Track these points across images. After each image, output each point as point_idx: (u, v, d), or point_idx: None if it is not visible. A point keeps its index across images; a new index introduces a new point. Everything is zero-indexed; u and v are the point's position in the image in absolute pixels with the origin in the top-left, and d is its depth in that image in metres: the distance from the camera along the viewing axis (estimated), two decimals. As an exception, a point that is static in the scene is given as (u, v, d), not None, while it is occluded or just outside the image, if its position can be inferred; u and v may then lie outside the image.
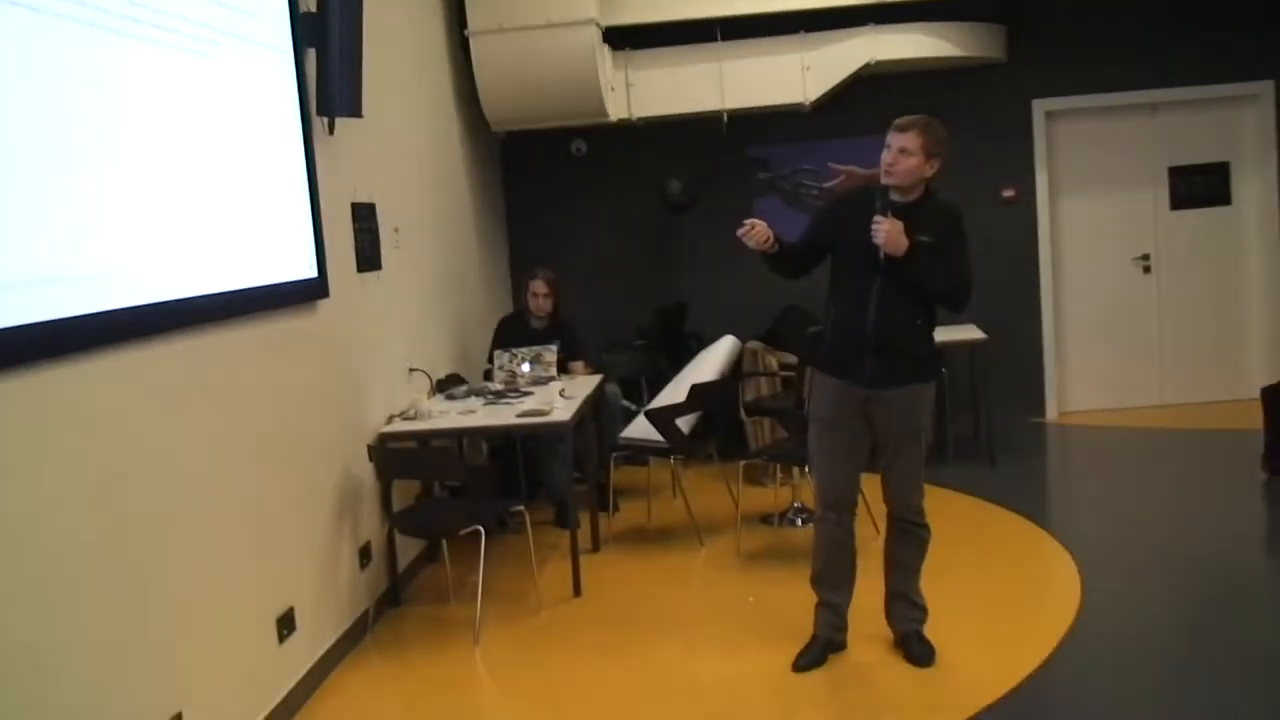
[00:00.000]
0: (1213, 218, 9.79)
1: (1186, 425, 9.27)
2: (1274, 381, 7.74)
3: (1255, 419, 7.71)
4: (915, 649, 4.97)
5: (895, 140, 4.67)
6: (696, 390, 6.90)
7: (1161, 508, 7.31)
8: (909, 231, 4.58)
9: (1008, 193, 9.58)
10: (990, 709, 4.53)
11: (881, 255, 4.60)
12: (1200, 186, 9.79)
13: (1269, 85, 9.47)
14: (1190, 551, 6.36)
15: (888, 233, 4.55)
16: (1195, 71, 9.45)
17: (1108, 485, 8.08)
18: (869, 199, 4.68)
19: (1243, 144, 9.70)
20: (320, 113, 5.50)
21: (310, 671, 5.03)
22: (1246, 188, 9.72)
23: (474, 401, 6.67)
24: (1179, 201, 9.79)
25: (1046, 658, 4.99)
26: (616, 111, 8.59)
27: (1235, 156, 9.73)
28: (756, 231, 4.66)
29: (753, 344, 8.48)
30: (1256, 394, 7.76)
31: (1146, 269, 9.84)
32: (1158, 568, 6.17)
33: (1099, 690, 4.75)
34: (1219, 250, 9.81)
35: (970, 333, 8.29)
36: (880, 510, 5.15)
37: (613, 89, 8.53)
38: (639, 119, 8.78)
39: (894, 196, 4.68)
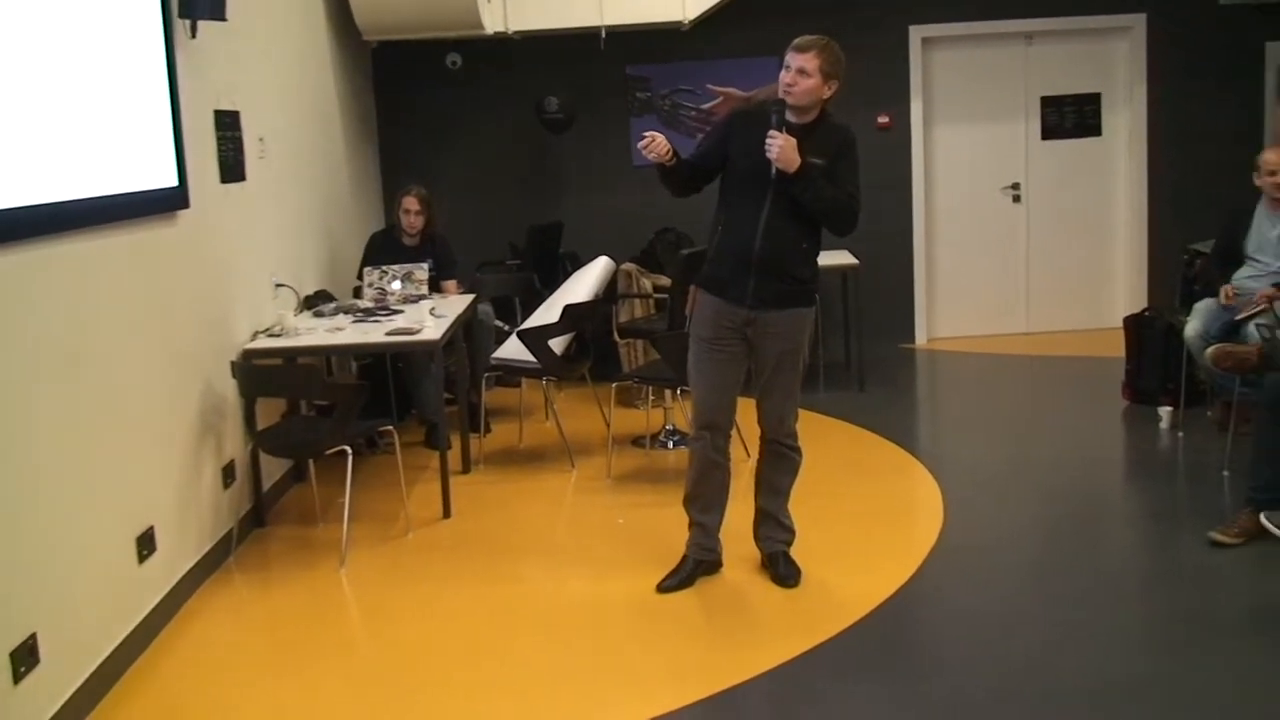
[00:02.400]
0: (1083, 148, 9.94)
1: (1051, 352, 9.47)
2: (1136, 311, 7.92)
3: (1118, 347, 7.90)
4: (782, 569, 5.00)
5: (795, 60, 4.62)
6: (570, 311, 6.84)
7: (1024, 432, 7.47)
8: (802, 151, 4.54)
9: (882, 119, 9.61)
10: (855, 626, 4.59)
11: (773, 172, 4.57)
12: (1071, 117, 9.93)
13: (1141, 18, 9.61)
14: (1050, 473, 6.52)
15: (781, 148, 4.50)
16: (1070, 2, 9.54)
17: (973, 410, 8.23)
18: (765, 117, 4.62)
19: (1114, 75, 9.84)
20: (182, 15, 5.28)
21: (170, 593, 4.91)
22: (1117, 119, 9.88)
23: (342, 319, 6.54)
24: (1050, 131, 9.92)
25: (910, 576, 5.08)
26: (492, 24, 8.41)
27: (1107, 88, 9.88)
28: (658, 144, 4.59)
29: (628, 265, 8.42)
30: (1119, 323, 7.93)
31: (1016, 198, 9.97)
32: (1018, 489, 6.31)
33: (959, 604, 4.87)
34: (1088, 181, 9.98)
35: (843, 258, 8.34)
36: (752, 433, 5.15)
37: (488, 1, 8.34)
38: (516, 33, 8.61)
39: (790, 117, 4.63)
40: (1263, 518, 4.49)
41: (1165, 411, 7.12)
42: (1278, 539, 4.47)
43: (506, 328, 7.74)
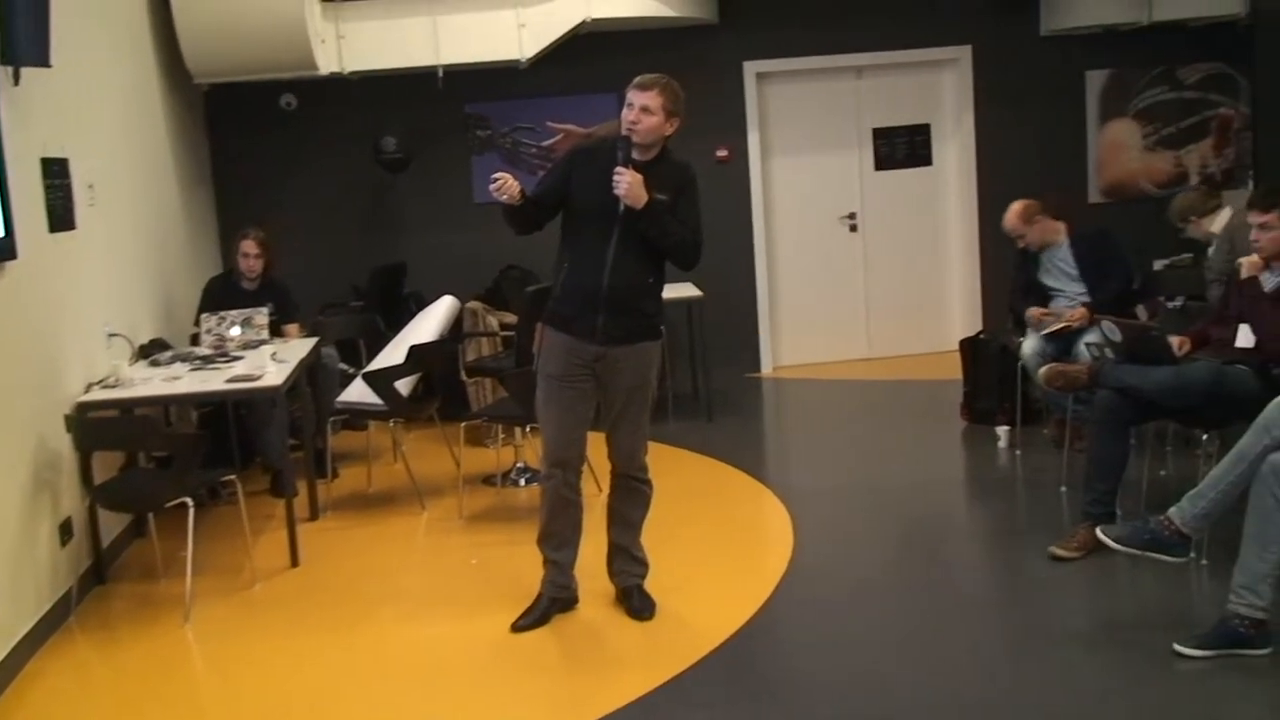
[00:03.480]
0: (915, 178, 10.20)
1: (892, 376, 9.67)
2: (971, 334, 8.13)
3: (955, 369, 8.10)
4: (636, 603, 5.01)
5: (638, 98, 4.65)
6: (415, 351, 6.78)
7: (869, 455, 7.60)
8: (647, 188, 4.58)
9: (721, 153, 9.74)
10: (711, 655, 4.63)
11: (621, 208, 4.59)
12: (903, 148, 10.18)
13: (966, 50, 9.91)
14: (895, 495, 6.65)
15: (629, 185, 4.54)
16: (898, 36, 9.80)
17: (819, 436, 8.37)
18: (605, 153, 4.65)
19: (942, 106, 10.13)
20: (4, 62, 5.12)
21: (9, 656, 4.73)
22: (946, 149, 10.16)
23: (180, 367, 6.38)
24: (883, 162, 10.16)
25: (763, 603, 5.13)
26: (327, 64, 8.33)
27: (935, 119, 10.15)
28: (509, 184, 4.59)
29: (473, 304, 8.39)
30: (955, 346, 8.14)
31: (853, 227, 10.18)
32: (865, 511, 6.43)
33: (813, 629, 4.95)
34: (921, 209, 10.23)
35: (688, 290, 8.43)
36: (603, 467, 5.17)
37: (323, 41, 8.26)
38: (351, 73, 8.55)
39: (634, 154, 4.66)
40: (1099, 531, 4.63)
41: (1003, 431, 7.33)
42: (1113, 552, 4.61)
43: (351, 370, 7.63)
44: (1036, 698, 4.21)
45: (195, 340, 7.16)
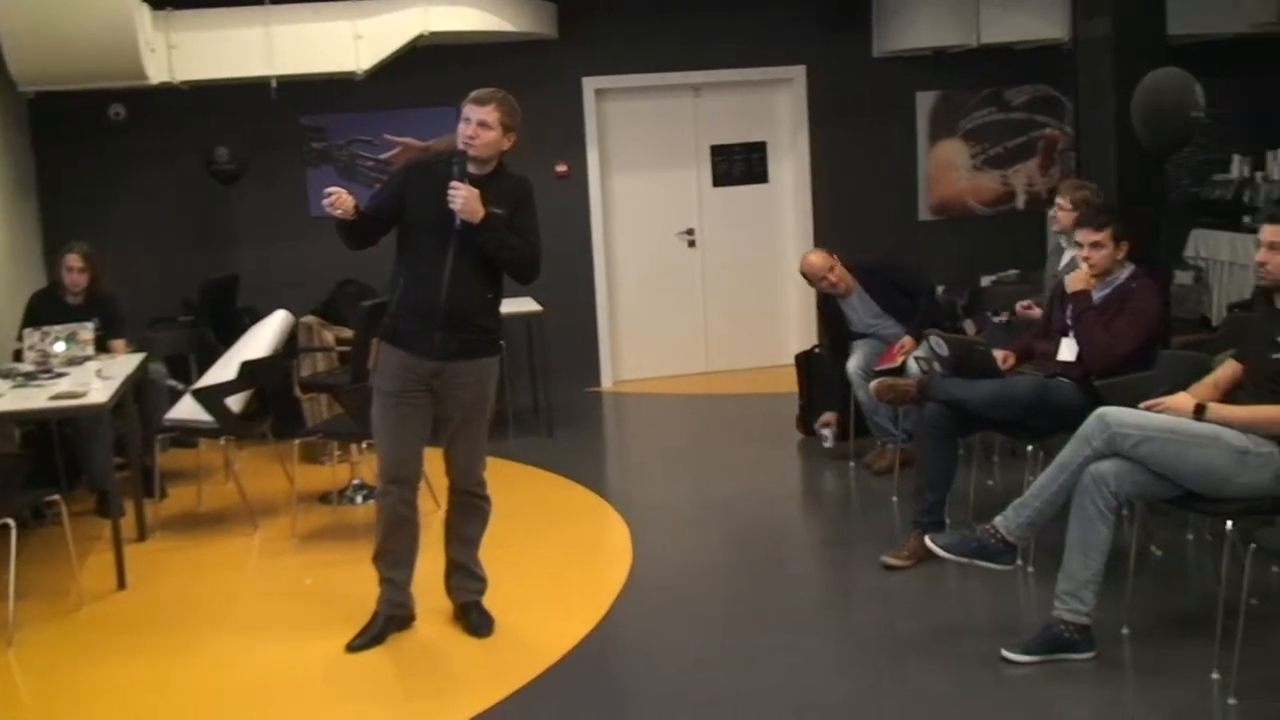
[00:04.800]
0: (752, 194, 10.33)
1: (729, 390, 9.77)
2: (806, 348, 8.26)
3: (790, 383, 8.22)
4: (475, 619, 4.98)
5: (474, 113, 4.63)
6: (247, 367, 6.64)
7: (707, 468, 7.67)
8: (483, 202, 4.56)
9: (561, 168, 9.76)
10: (551, 670, 4.63)
11: (457, 223, 4.56)
12: (740, 165, 10.31)
13: (801, 70, 10.08)
14: (732, 507, 6.72)
15: (465, 199, 4.51)
16: (735, 55, 9.93)
17: (659, 449, 8.41)
18: (441, 167, 4.62)
19: (778, 125, 10.28)
20: None
21: None
22: (782, 166, 10.31)
23: (1, 384, 6.16)
24: (720, 179, 10.27)
25: (602, 616, 5.15)
26: (157, 74, 8.11)
27: (771, 136, 10.30)
28: (343, 199, 4.52)
29: (308, 318, 8.26)
30: (791, 360, 8.26)
31: (691, 243, 10.27)
32: (703, 524, 6.50)
33: (651, 641, 4.97)
34: (758, 225, 10.37)
35: (527, 305, 8.41)
36: (441, 483, 5.12)
37: (153, 50, 8.04)
38: (182, 82, 8.34)
39: (470, 169, 4.63)
40: (928, 540, 4.73)
41: (827, 430, 7.44)
42: (943, 560, 4.72)
43: (181, 386, 7.44)
44: (869, 705, 4.29)
45: (18, 356, 6.92)
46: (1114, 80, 6.91)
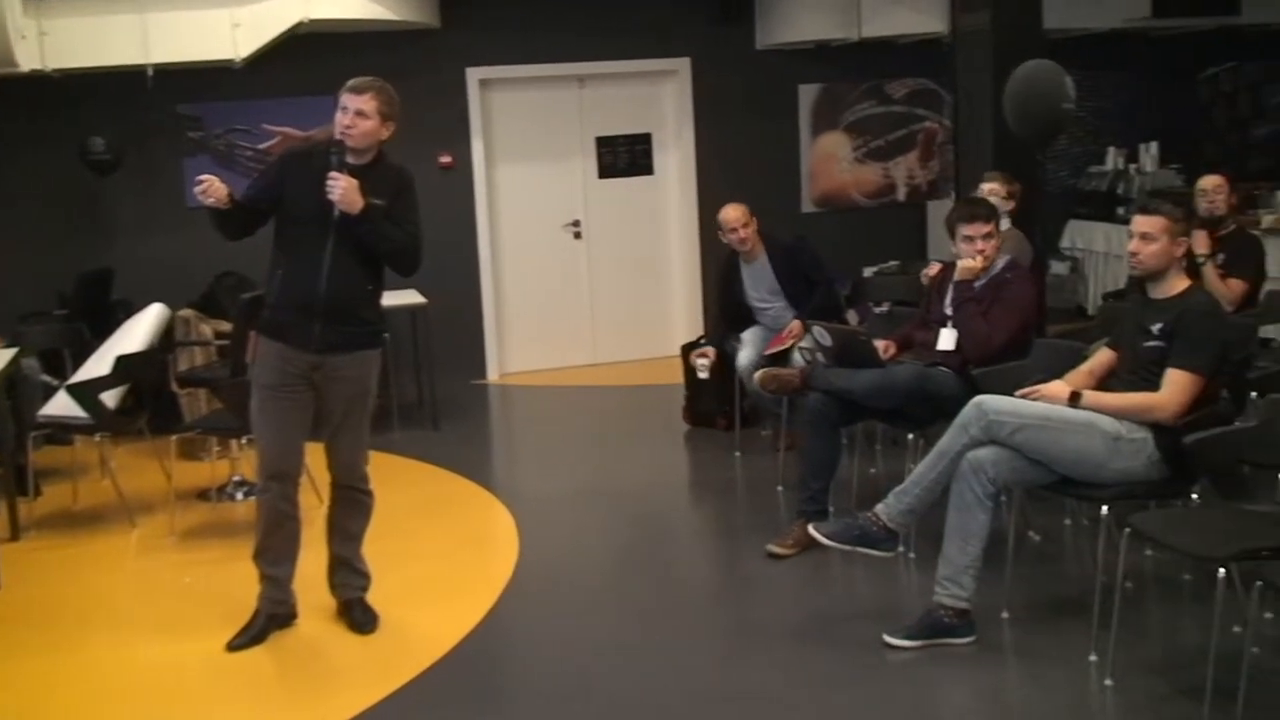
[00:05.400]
0: (637, 186, 10.34)
1: (616, 382, 9.78)
2: (692, 339, 8.29)
3: (677, 374, 8.24)
4: (359, 616, 4.92)
5: (351, 102, 4.57)
6: (122, 362, 6.49)
7: (594, 460, 7.67)
8: (362, 193, 4.50)
9: (444, 159, 9.67)
10: (436, 665, 4.59)
11: (336, 214, 4.50)
12: (625, 157, 10.31)
13: (685, 62, 10.11)
14: (620, 498, 6.73)
15: (344, 190, 4.44)
16: (620, 47, 9.92)
17: (546, 442, 8.39)
18: (320, 157, 4.55)
19: (663, 116, 10.30)
20: None
21: None
22: (667, 158, 10.34)
23: None
24: (606, 170, 10.26)
25: (488, 610, 5.12)
26: (28, 61, 7.89)
27: (657, 128, 10.32)
28: (215, 187, 4.42)
29: (185, 311, 8.09)
30: (677, 351, 8.29)
31: (578, 235, 10.25)
32: (590, 515, 6.49)
33: (538, 633, 4.96)
34: (644, 217, 10.38)
35: (411, 297, 8.33)
36: (323, 478, 5.05)
37: (23, 36, 7.82)
38: (55, 70, 8.12)
39: (349, 159, 4.57)
40: (811, 529, 4.77)
41: (704, 361, 7.39)
42: (827, 548, 4.76)
43: (54, 382, 7.25)
44: (755, 692, 4.32)
45: (-121, 352, 6.69)
46: (992, 73, 7.03)
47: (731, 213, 7.20)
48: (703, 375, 7.38)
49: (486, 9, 9.57)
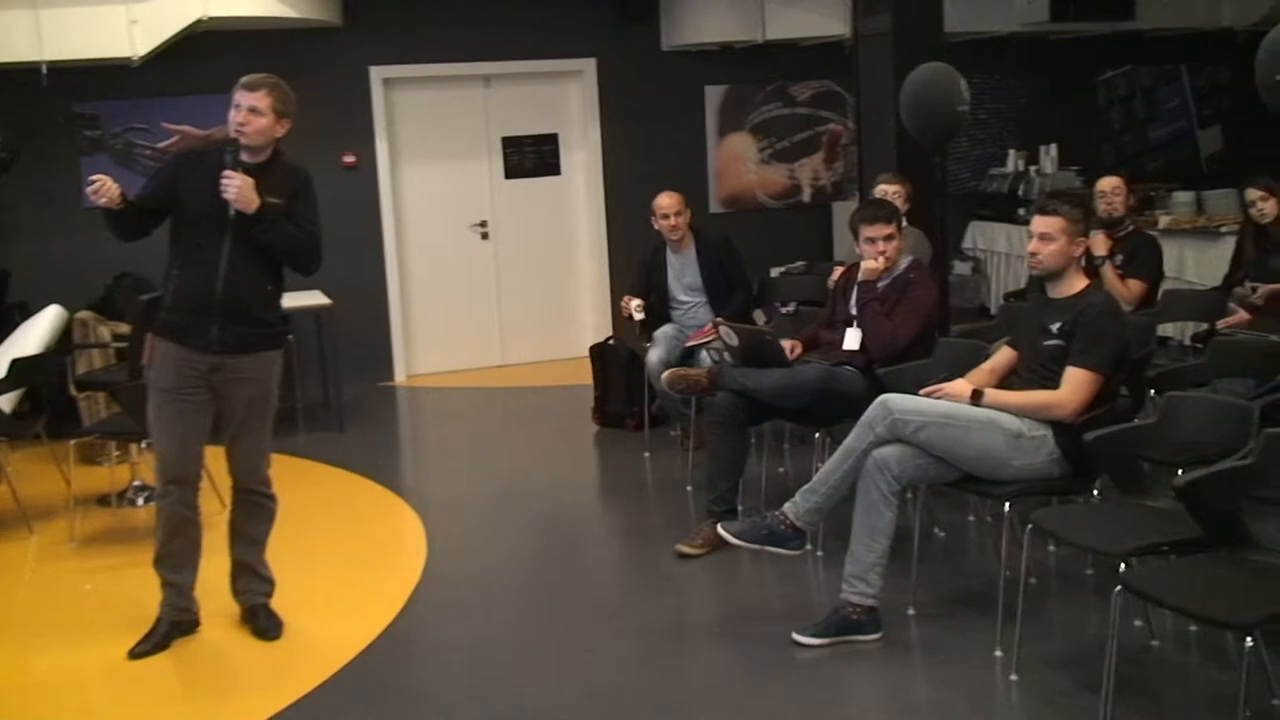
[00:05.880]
0: (544, 187, 10.31)
1: (525, 383, 9.74)
2: (601, 340, 8.28)
3: (586, 375, 8.23)
4: (263, 622, 4.85)
5: (245, 99, 4.50)
6: (18, 365, 6.34)
7: (504, 461, 7.64)
8: (259, 191, 4.43)
9: (348, 159, 9.57)
10: (342, 671, 4.54)
11: (232, 213, 4.43)
12: (532, 157, 10.27)
13: (591, 62, 10.10)
14: (529, 500, 6.71)
15: (239, 188, 4.38)
16: (526, 46, 9.88)
17: (455, 444, 8.35)
18: (215, 156, 4.49)
19: (569, 117, 10.28)
20: None
21: None
22: (574, 158, 10.32)
23: None
24: (513, 171, 10.22)
25: (395, 615, 5.07)
26: (-85, 57, 7.70)
27: (563, 128, 10.30)
28: (107, 187, 4.33)
29: (83, 314, 7.93)
30: (586, 352, 8.28)
31: (485, 235, 10.20)
32: (501, 518, 6.45)
33: (447, 638, 4.93)
34: (551, 218, 10.36)
35: (315, 299, 8.24)
36: (225, 482, 4.97)
37: (-91, 32, 7.64)
38: (-57, 67, 7.93)
39: (243, 157, 4.50)
40: (720, 528, 4.79)
41: (636, 303, 7.28)
42: (736, 547, 4.78)
43: (-53, 387, 7.07)
44: (666, 692, 4.32)
45: None
46: (892, 76, 7.10)
47: (666, 199, 7.23)
48: (638, 316, 7.28)
49: (390, 8, 9.48)
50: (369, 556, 5.94)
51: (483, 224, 10.18)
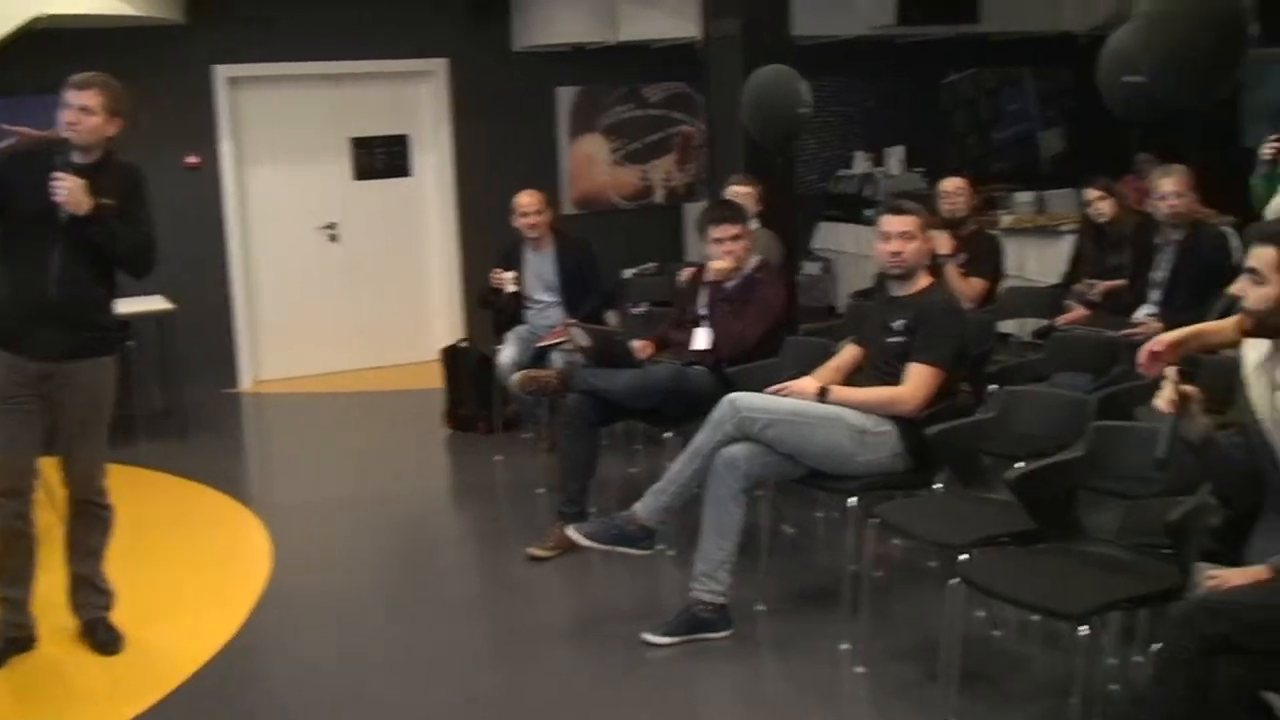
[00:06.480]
0: (395, 188, 10.19)
1: (377, 387, 9.61)
2: (452, 343, 8.22)
3: (437, 378, 8.16)
4: (102, 636, 4.70)
5: (75, 98, 4.39)
6: None
7: (354, 468, 7.53)
8: (91, 192, 4.30)
9: (191, 159, 9.35)
10: (186, 684, 4.44)
11: (64, 215, 4.29)
12: (382, 158, 10.15)
13: (443, 63, 10.00)
14: (380, 506, 6.63)
15: (70, 189, 4.25)
16: (375, 46, 9.75)
17: (303, 451, 8.20)
18: (46, 157, 4.36)
19: (420, 118, 10.18)
20: None
21: None
22: (425, 159, 10.22)
23: None
24: (363, 172, 10.08)
25: (239, 627, 4.96)
26: None
27: (414, 129, 10.20)
28: None
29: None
30: (437, 355, 8.21)
31: (333, 238, 10.04)
32: (351, 525, 6.36)
33: (295, 648, 4.85)
34: (402, 220, 10.24)
35: (156, 303, 8.04)
36: (60, 493, 4.81)
37: None
38: None
39: (75, 158, 4.37)
40: (570, 530, 4.78)
41: (508, 275, 7.16)
42: (587, 549, 4.77)
43: None
44: (518, 696, 4.32)
45: None
46: (742, 78, 7.14)
47: (526, 197, 7.18)
48: (511, 289, 7.19)
49: (236, 5, 9.28)
50: (212, 567, 5.80)
51: (331, 226, 10.02)
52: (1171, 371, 3.19)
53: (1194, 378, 3.28)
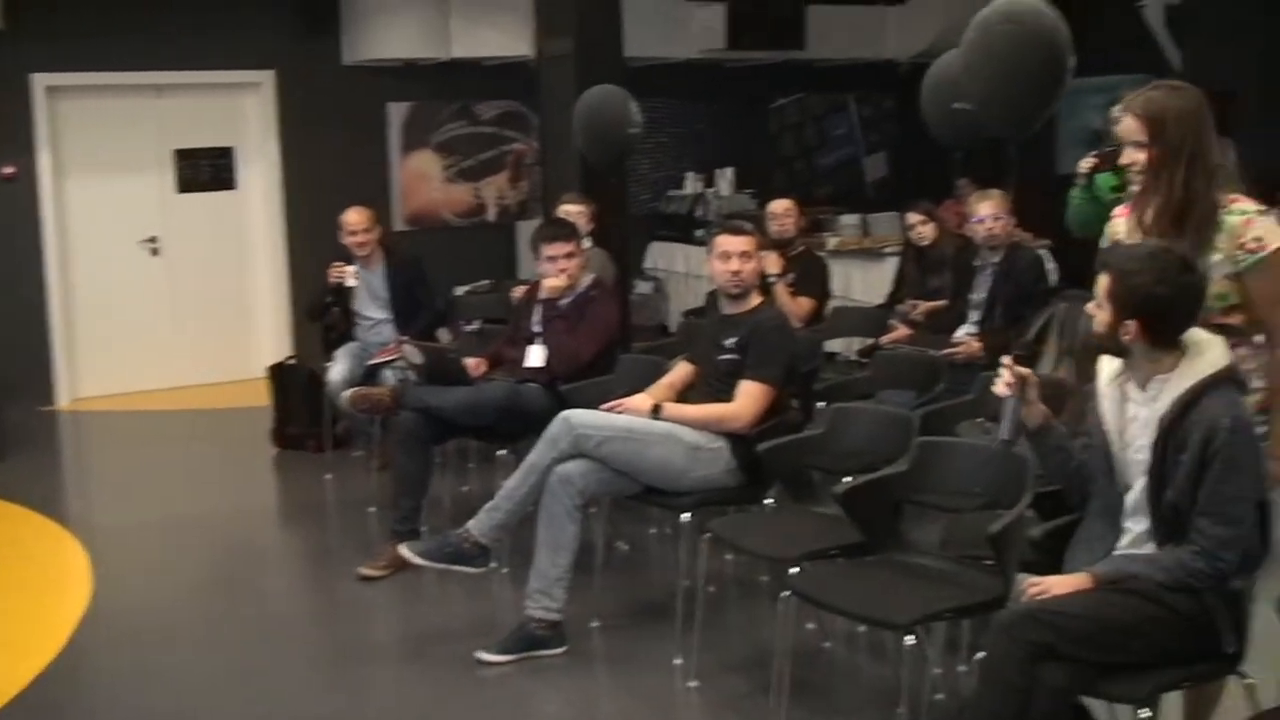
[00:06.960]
0: (220, 201, 9.98)
1: (201, 405, 9.37)
2: (279, 360, 8.07)
3: (265, 396, 7.99)
4: (-91, 665, 4.51)
5: None
6: None
7: (179, 488, 7.34)
8: None
9: (7, 170, 9.03)
10: (1, 713, 4.27)
11: None
12: (207, 170, 9.93)
13: (270, 74, 9.84)
14: (206, 526, 6.48)
15: None
16: (200, 56, 9.54)
17: (123, 470, 7.95)
18: None
19: (246, 130, 9.99)
20: None
21: None
22: (251, 172, 10.03)
23: None
24: (186, 184, 9.85)
25: (57, 653, 4.80)
26: None
27: (239, 142, 10.00)
28: None
29: None
30: (265, 372, 8.05)
31: (155, 251, 9.78)
32: (174, 545, 6.22)
33: (115, 673, 4.72)
34: (226, 233, 10.03)
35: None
36: None
37: None
38: None
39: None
40: (403, 549, 4.72)
41: (347, 268, 7.04)
42: (421, 568, 4.73)
43: None
44: (351, 717, 4.26)
45: None
46: (574, 98, 7.17)
47: (353, 215, 7.07)
48: (351, 283, 7.07)
49: (55, 12, 8.98)
50: (26, 592, 5.59)
51: (153, 239, 9.75)
52: (1007, 358, 3.32)
53: (1030, 362, 3.39)
